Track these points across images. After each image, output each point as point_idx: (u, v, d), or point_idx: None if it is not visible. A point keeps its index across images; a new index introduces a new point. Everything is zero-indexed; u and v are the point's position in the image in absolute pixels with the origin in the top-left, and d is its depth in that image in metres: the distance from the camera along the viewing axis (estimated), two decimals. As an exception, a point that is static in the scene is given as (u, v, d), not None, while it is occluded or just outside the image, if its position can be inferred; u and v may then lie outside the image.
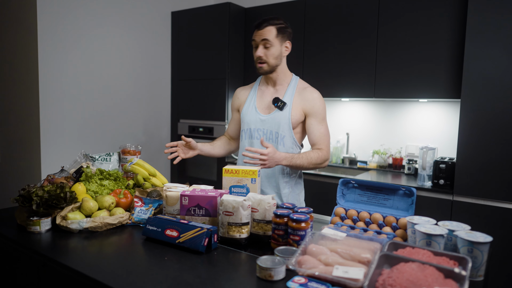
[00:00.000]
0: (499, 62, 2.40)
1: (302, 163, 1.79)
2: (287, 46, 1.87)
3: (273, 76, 1.91)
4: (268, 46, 1.80)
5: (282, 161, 1.74)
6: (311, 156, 1.82)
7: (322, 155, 1.85)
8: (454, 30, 2.69)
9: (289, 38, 1.88)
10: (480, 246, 1.08)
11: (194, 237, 1.28)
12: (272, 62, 1.83)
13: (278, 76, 1.91)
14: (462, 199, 2.55)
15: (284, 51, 1.86)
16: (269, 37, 1.79)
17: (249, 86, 2.06)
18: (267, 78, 1.94)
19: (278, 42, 1.82)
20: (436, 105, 3.13)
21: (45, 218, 1.45)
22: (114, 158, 1.97)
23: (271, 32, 1.79)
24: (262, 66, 1.84)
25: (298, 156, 1.80)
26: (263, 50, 1.81)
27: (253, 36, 1.84)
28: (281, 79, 1.92)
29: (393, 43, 2.96)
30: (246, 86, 2.08)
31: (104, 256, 1.30)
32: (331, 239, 1.17)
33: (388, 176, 3.08)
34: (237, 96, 2.06)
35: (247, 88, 2.06)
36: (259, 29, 1.81)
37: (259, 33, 1.81)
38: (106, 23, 3.33)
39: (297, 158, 1.78)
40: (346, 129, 3.59)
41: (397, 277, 0.94)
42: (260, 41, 1.81)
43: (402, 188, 1.45)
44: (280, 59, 1.86)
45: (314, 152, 1.84)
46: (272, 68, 1.86)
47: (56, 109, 3.01)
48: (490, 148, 2.45)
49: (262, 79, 2.01)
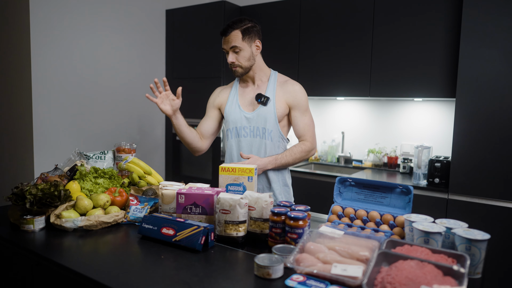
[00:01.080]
0: (494, 61, 2.41)
1: (287, 161, 1.86)
2: (257, 45, 1.88)
3: (250, 75, 1.93)
4: (238, 51, 1.82)
5: (267, 166, 1.82)
6: (295, 152, 1.87)
7: (305, 147, 1.89)
8: (449, 29, 2.70)
9: (258, 37, 1.88)
10: (478, 244, 1.08)
11: (190, 236, 1.27)
12: (246, 64, 1.86)
13: (256, 74, 1.92)
14: (457, 197, 2.56)
15: (255, 51, 1.88)
16: (236, 43, 1.81)
17: (228, 86, 2.05)
18: (246, 77, 1.95)
19: (246, 44, 1.83)
20: (431, 104, 3.14)
21: (39, 216, 1.43)
22: (108, 156, 1.95)
23: (237, 36, 1.81)
24: (236, 70, 1.87)
25: (282, 156, 1.85)
26: (233, 55, 1.83)
27: (222, 44, 1.86)
28: (259, 75, 1.93)
29: (388, 42, 2.96)
30: (225, 86, 2.07)
31: (99, 255, 1.29)
32: (329, 237, 1.16)
33: (383, 175, 3.09)
34: (218, 95, 2.03)
35: (226, 87, 2.05)
36: (225, 36, 1.82)
37: (226, 40, 1.83)
38: (100, 21, 3.30)
39: (281, 158, 1.85)
40: (341, 128, 3.60)
41: (396, 274, 0.94)
42: (229, 48, 1.83)
43: (399, 186, 1.45)
44: (253, 58, 1.87)
45: (297, 147, 1.88)
46: (247, 70, 1.88)
47: (49, 107, 2.98)
48: (485, 147, 2.46)
49: (241, 78, 2.00)
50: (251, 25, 1.84)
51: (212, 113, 2.03)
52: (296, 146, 1.89)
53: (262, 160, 1.80)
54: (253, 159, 1.77)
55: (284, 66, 3.35)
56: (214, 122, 2.03)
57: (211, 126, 2.02)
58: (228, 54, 1.84)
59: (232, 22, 1.83)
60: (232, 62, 1.84)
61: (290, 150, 1.88)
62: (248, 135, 1.91)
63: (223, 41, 1.85)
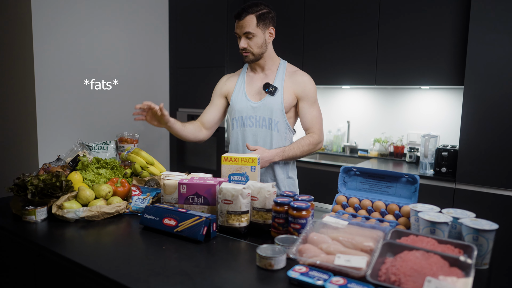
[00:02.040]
0: (504, 48, 2.34)
1: (294, 153, 1.80)
2: (271, 32, 1.82)
3: (260, 63, 1.87)
4: (251, 36, 1.76)
5: (274, 158, 1.76)
6: (302, 144, 1.81)
7: (313, 140, 1.84)
8: (457, 14, 2.63)
9: (273, 24, 1.82)
10: (485, 234, 1.05)
11: (192, 226, 1.25)
12: (257, 51, 1.80)
13: (266, 62, 1.87)
14: (464, 187, 2.52)
15: (268, 38, 1.82)
16: (250, 29, 1.74)
17: (236, 74, 1.99)
18: (255, 65, 1.90)
19: (260, 30, 1.77)
20: (438, 92, 3.08)
21: (41, 207, 1.43)
22: (111, 147, 1.94)
23: (252, 21, 1.74)
24: (247, 55, 1.81)
25: (289, 148, 1.80)
26: (246, 41, 1.77)
27: (235, 28, 1.79)
28: (269, 64, 1.88)
29: (394, 29, 2.90)
30: (233, 74, 2.01)
31: (101, 245, 1.28)
32: (333, 228, 1.14)
33: (389, 165, 3.05)
34: (225, 83, 1.98)
35: (234, 75, 1.99)
36: (239, 20, 1.75)
37: (239, 25, 1.76)
38: (103, 10, 3.27)
39: (288, 151, 1.79)
40: (346, 117, 3.55)
41: (401, 265, 0.91)
42: (242, 33, 1.77)
43: (405, 176, 1.42)
44: (265, 46, 1.82)
45: (305, 139, 1.83)
46: (258, 57, 1.82)
47: (53, 98, 2.97)
48: (493, 136, 2.41)
49: (249, 66, 1.95)
50: (266, 10, 1.78)
51: (218, 101, 1.98)
52: (304, 139, 1.83)
53: (269, 152, 1.74)
54: (260, 151, 1.71)
55: (289, 54, 3.29)
56: (218, 111, 1.98)
57: (215, 115, 1.98)
58: (240, 39, 1.79)
59: (248, 5, 1.76)
60: (244, 47, 1.78)
61: (297, 143, 1.82)
62: (253, 125, 1.87)
63: (236, 25, 1.78)
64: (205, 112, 1.99)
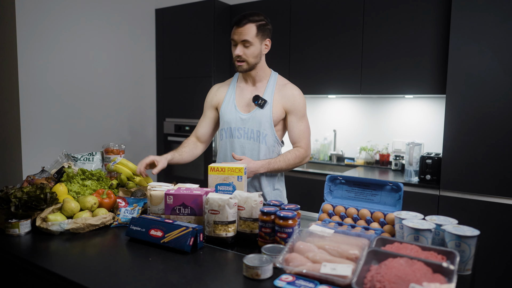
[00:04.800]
0: (483, 57, 2.42)
1: (280, 166, 1.80)
2: (266, 44, 1.82)
3: (252, 74, 1.86)
4: (248, 45, 1.74)
5: (259, 169, 1.75)
6: (289, 158, 1.81)
7: (300, 154, 1.84)
8: (439, 26, 2.71)
9: (269, 36, 1.82)
10: (467, 240, 1.07)
11: (179, 237, 1.25)
12: (252, 61, 1.78)
13: (257, 73, 1.86)
14: (448, 193, 2.57)
15: (263, 49, 1.81)
16: (249, 37, 1.72)
17: (226, 83, 1.98)
18: (246, 75, 1.88)
19: (258, 40, 1.76)
20: (421, 101, 3.15)
21: (24, 220, 1.40)
22: (97, 158, 1.92)
23: (251, 30, 1.73)
24: (241, 65, 1.78)
25: (275, 160, 1.79)
26: (242, 49, 1.75)
27: (232, 34, 1.76)
28: (260, 76, 1.87)
29: (378, 40, 2.96)
30: (222, 83, 1.99)
31: (86, 258, 1.26)
32: (319, 236, 1.15)
33: (376, 172, 3.09)
34: (215, 93, 1.96)
35: (224, 85, 1.97)
36: (239, 27, 1.73)
37: (238, 31, 1.73)
38: (89, 20, 3.26)
39: (274, 163, 1.78)
40: (333, 126, 3.59)
41: (385, 273, 0.93)
42: (239, 41, 1.74)
43: (389, 184, 1.44)
44: (260, 57, 1.80)
45: (291, 153, 1.83)
46: (252, 67, 1.80)
47: (37, 108, 2.94)
48: (476, 143, 2.47)
49: (240, 76, 1.94)
50: (265, 22, 1.78)
51: (210, 113, 1.97)
52: (291, 152, 1.83)
53: (255, 163, 1.73)
54: (245, 161, 1.71)
55: (275, 65, 3.32)
56: (212, 123, 1.98)
57: (209, 128, 1.98)
58: (236, 46, 1.75)
59: (249, 14, 1.73)
60: (240, 55, 1.75)
61: (284, 156, 1.81)
62: (241, 136, 1.86)
63: (235, 31, 1.74)
64: (199, 126, 1.99)
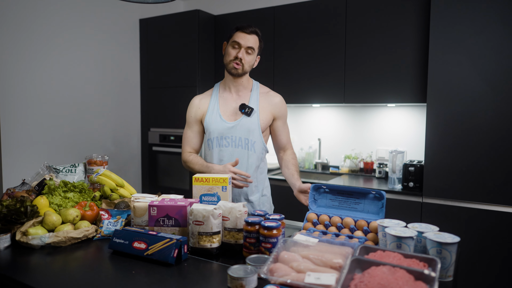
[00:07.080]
0: (462, 66, 2.48)
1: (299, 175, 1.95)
2: (257, 59, 1.92)
3: (239, 81, 1.90)
4: (250, 52, 1.83)
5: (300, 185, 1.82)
6: (296, 164, 1.95)
7: (295, 157, 1.99)
8: (419, 37, 2.77)
9: (260, 53, 1.93)
10: (448, 247, 1.09)
11: (163, 249, 1.24)
12: (247, 68, 1.86)
13: (243, 82, 1.92)
14: (431, 200, 2.61)
15: (255, 63, 1.92)
16: (254, 46, 1.83)
17: (207, 94, 1.98)
18: (231, 84, 1.91)
19: (256, 52, 1.87)
20: (403, 109, 3.21)
21: (4, 234, 1.37)
22: (79, 169, 1.90)
23: (256, 41, 1.85)
24: (238, 68, 1.82)
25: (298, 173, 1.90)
26: (244, 54, 1.82)
27: (237, 37, 1.80)
28: (244, 84, 1.93)
29: (360, 49, 3.02)
30: (203, 95, 1.99)
31: (68, 272, 1.24)
32: (303, 245, 1.16)
33: (360, 180, 3.12)
34: (198, 106, 1.94)
35: (205, 96, 1.97)
36: (247, 33, 1.80)
37: (246, 38, 1.80)
38: (72, 30, 3.24)
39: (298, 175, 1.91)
40: (317, 134, 3.62)
41: (369, 281, 0.94)
42: (245, 46, 1.81)
43: (372, 192, 1.46)
44: (251, 68, 1.89)
45: (294, 160, 1.96)
46: (244, 73, 1.87)
47: (18, 118, 2.88)
48: (456, 150, 2.52)
49: (221, 86, 1.96)
50: (262, 41, 1.90)
51: (196, 127, 1.96)
52: (294, 160, 1.95)
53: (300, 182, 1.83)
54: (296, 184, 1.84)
55: (260, 74, 3.35)
56: (201, 136, 2.00)
57: (200, 140, 2.00)
58: (238, 50, 1.81)
59: (254, 27, 1.84)
60: (241, 58, 1.81)
61: (295, 166, 1.92)
62: (229, 145, 1.86)
63: (241, 36, 1.80)
64: (191, 139, 1.97)
